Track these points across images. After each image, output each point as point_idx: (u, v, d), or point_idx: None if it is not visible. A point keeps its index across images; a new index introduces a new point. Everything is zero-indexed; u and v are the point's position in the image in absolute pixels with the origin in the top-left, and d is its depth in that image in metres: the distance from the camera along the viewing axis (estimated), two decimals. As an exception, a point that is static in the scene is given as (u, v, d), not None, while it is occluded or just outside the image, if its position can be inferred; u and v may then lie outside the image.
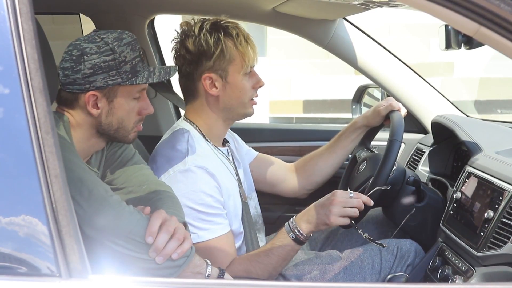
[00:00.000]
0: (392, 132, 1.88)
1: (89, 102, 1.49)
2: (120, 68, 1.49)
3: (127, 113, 1.54)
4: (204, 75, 1.75)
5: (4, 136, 0.97)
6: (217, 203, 1.69)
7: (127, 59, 1.50)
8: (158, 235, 1.31)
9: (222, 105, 1.79)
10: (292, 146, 2.70)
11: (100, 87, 1.48)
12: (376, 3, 1.94)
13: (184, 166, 1.67)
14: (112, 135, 1.56)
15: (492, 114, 7.52)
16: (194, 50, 1.74)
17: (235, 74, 1.76)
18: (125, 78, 1.50)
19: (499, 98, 7.86)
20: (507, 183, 1.63)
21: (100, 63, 1.47)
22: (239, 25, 1.79)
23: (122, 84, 1.50)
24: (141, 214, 1.36)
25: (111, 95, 1.51)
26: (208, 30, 1.74)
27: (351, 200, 1.66)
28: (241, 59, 1.75)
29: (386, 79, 2.47)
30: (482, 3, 1.00)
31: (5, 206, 0.98)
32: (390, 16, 7.56)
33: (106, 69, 1.47)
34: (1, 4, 0.96)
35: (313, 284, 1.41)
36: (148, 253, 1.32)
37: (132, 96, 1.54)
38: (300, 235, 1.67)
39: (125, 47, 1.50)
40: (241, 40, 1.75)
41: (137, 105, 1.56)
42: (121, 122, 1.54)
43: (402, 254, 1.88)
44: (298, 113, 8.07)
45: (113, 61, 1.48)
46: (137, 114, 1.57)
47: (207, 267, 1.37)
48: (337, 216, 1.65)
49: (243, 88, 1.78)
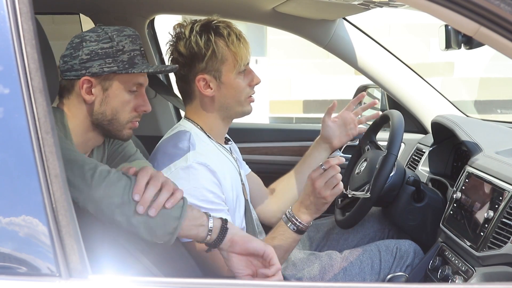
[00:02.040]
0: (389, 144, 1.90)
1: (83, 87, 1.50)
2: (117, 56, 1.50)
3: (121, 105, 1.54)
4: (197, 77, 1.75)
5: (4, 136, 0.97)
6: (218, 199, 1.69)
7: (125, 49, 1.51)
8: (146, 190, 1.26)
9: (219, 105, 1.79)
10: (292, 146, 2.70)
11: (95, 73, 1.49)
12: (376, 3, 1.95)
13: (185, 162, 1.67)
14: (106, 127, 1.55)
15: (492, 114, 7.52)
16: (186, 52, 1.74)
17: (229, 74, 1.75)
18: (121, 67, 1.50)
19: (499, 98, 7.87)
20: (507, 183, 1.63)
21: (97, 50, 1.49)
22: (231, 24, 1.78)
23: (118, 73, 1.51)
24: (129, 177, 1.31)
25: (106, 84, 1.51)
26: (198, 31, 1.73)
27: (327, 174, 1.67)
28: (233, 58, 1.74)
29: (386, 79, 2.47)
30: (482, 3, 1.00)
31: (5, 206, 0.98)
32: (390, 16, 7.57)
33: (103, 55, 1.49)
34: (1, 4, 0.96)
35: (313, 284, 1.41)
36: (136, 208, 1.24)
37: (128, 88, 1.54)
38: (301, 225, 1.69)
39: (124, 37, 1.52)
40: (233, 39, 1.74)
41: (134, 100, 1.56)
42: (115, 114, 1.54)
43: (401, 254, 1.89)
44: (298, 113, 8.08)
45: (111, 48, 1.50)
46: (133, 109, 1.56)
47: (208, 219, 1.34)
48: (331, 194, 1.68)
49: (237, 87, 1.78)
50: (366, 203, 1.89)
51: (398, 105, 2.50)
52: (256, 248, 1.33)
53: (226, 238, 1.33)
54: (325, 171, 1.67)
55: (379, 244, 1.93)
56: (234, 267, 1.35)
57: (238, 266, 1.35)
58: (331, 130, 2.10)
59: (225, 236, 1.33)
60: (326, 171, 1.67)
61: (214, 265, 1.66)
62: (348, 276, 1.84)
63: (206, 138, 1.79)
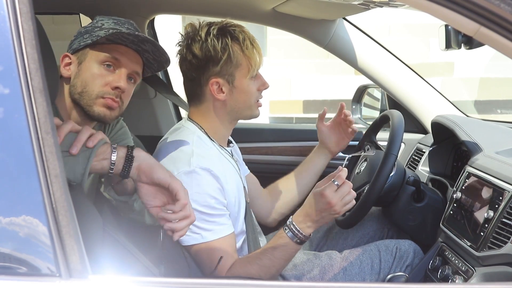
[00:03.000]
0: (389, 144, 1.89)
1: (63, 62, 1.57)
2: (93, 32, 1.56)
3: (91, 77, 1.54)
4: (211, 80, 1.74)
5: (4, 136, 0.97)
6: (220, 205, 1.69)
7: (104, 26, 1.57)
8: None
9: (229, 109, 1.79)
10: (292, 146, 2.70)
11: (75, 49, 1.57)
12: (376, 3, 1.95)
13: (189, 167, 1.66)
14: (77, 100, 1.55)
15: (492, 114, 7.52)
16: (201, 55, 1.73)
17: (242, 79, 1.76)
18: (95, 41, 1.54)
19: (499, 98, 7.87)
20: (507, 183, 1.63)
21: (81, 29, 1.59)
22: (244, 29, 1.78)
23: (92, 46, 1.55)
24: None
25: (81, 57, 1.56)
26: (215, 35, 1.72)
27: (343, 190, 1.63)
28: (248, 63, 1.75)
29: (386, 79, 2.47)
30: (482, 3, 1.00)
31: (5, 206, 0.98)
32: (390, 16, 7.57)
33: (83, 33, 1.57)
34: (1, 4, 0.96)
35: (313, 284, 1.41)
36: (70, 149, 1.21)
37: (100, 61, 1.55)
38: (303, 237, 1.67)
39: (108, 19, 1.59)
40: (247, 44, 1.75)
41: (108, 75, 1.54)
42: (84, 86, 1.54)
43: (401, 254, 1.89)
44: (298, 113, 8.08)
45: (90, 27, 1.58)
46: (104, 83, 1.54)
47: (112, 151, 1.27)
48: (345, 209, 1.65)
49: (249, 92, 1.78)
50: (366, 203, 1.89)
51: (398, 105, 2.50)
52: (160, 179, 1.27)
53: (133, 166, 1.27)
54: (338, 187, 1.63)
55: (378, 244, 1.93)
56: (143, 198, 1.30)
57: (146, 197, 1.29)
58: (325, 135, 2.12)
59: (132, 165, 1.27)
60: (340, 187, 1.62)
61: (212, 265, 1.66)
62: (348, 276, 1.84)
63: (209, 141, 1.78)
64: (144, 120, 2.68)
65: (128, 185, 1.39)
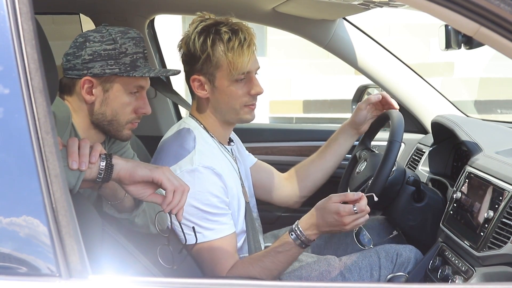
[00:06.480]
0: (392, 132, 1.88)
1: (84, 87, 1.51)
2: (119, 58, 1.51)
3: (121, 107, 1.54)
4: (192, 77, 1.74)
5: (4, 136, 0.97)
6: (222, 204, 1.69)
7: (128, 51, 1.52)
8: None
9: (213, 108, 1.77)
10: (292, 146, 2.70)
11: (97, 74, 1.50)
12: (376, 3, 1.95)
13: (191, 165, 1.66)
14: (105, 128, 1.56)
15: (492, 114, 7.52)
16: (186, 50, 1.73)
17: (223, 80, 1.71)
18: (123, 70, 1.51)
19: (499, 98, 7.87)
20: (507, 183, 1.63)
21: (100, 51, 1.50)
22: (240, 28, 1.71)
23: (120, 75, 1.51)
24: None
25: (107, 85, 1.52)
26: (199, 31, 1.69)
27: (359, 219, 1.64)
28: (228, 66, 1.69)
29: (386, 79, 2.47)
30: (482, 3, 1.00)
31: (5, 206, 0.98)
32: (390, 16, 7.57)
33: (105, 57, 1.50)
34: (1, 4, 0.96)
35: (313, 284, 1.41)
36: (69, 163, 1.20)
37: (128, 90, 1.54)
38: (308, 242, 1.67)
39: (128, 40, 1.53)
40: (233, 46, 1.68)
41: (134, 102, 1.56)
42: (115, 115, 1.55)
43: (402, 261, 1.86)
44: (298, 113, 8.08)
45: (113, 50, 1.50)
46: (133, 111, 1.57)
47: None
48: (354, 228, 1.68)
49: (231, 94, 1.73)
50: (373, 190, 1.86)
51: (398, 105, 2.50)
52: (143, 177, 1.27)
53: (113, 175, 1.26)
54: (356, 213, 1.62)
55: (378, 249, 1.88)
56: (135, 195, 1.31)
57: (137, 193, 1.30)
58: (363, 116, 2.08)
59: (111, 174, 1.25)
60: (358, 216, 1.63)
61: (213, 265, 1.66)
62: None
63: (209, 139, 1.78)
64: (144, 120, 2.67)
65: (126, 202, 1.41)
